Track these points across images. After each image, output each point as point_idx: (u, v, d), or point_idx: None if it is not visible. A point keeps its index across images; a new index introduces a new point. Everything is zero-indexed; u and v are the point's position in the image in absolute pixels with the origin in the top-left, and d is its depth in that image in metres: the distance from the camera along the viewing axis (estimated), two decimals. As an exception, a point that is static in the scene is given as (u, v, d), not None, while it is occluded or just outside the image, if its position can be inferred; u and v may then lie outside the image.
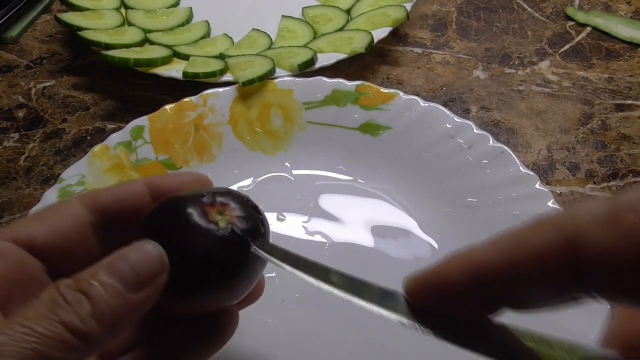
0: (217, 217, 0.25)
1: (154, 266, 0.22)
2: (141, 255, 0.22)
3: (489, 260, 0.18)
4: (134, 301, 0.21)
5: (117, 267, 0.21)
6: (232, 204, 0.26)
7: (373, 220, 0.44)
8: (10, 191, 0.49)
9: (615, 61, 0.59)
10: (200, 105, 0.49)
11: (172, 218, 0.25)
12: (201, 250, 0.24)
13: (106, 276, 0.21)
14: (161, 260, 0.22)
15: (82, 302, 0.20)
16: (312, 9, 0.64)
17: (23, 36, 0.66)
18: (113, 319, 0.21)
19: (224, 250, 0.25)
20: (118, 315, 0.21)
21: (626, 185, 0.47)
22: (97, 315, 0.20)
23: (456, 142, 0.46)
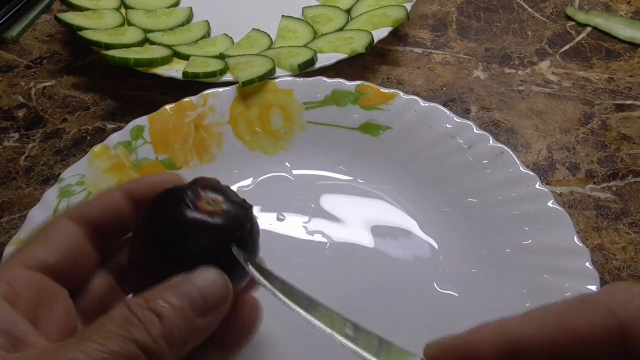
0: (208, 207, 0.26)
1: (221, 293, 0.23)
2: (209, 281, 0.23)
3: (526, 335, 0.18)
4: (200, 325, 0.22)
5: (187, 291, 0.22)
6: (219, 197, 0.27)
7: (373, 220, 0.44)
8: (10, 191, 0.49)
9: (616, 61, 0.59)
10: (201, 105, 0.49)
11: (163, 215, 0.26)
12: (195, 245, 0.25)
13: (175, 298, 0.22)
14: (227, 288, 0.23)
15: (154, 322, 0.21)
16: (312, 9, 0.64)
17: (23, 36, 0.66)
18: (181, 340, 0.21)
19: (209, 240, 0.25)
20: (185, 337, 0.21)
21: (626, 185, 0.47)
22: (167, 336, 0.21)
23: (456, 142, 0.46)
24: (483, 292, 0.40)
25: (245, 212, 0.27)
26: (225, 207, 0.26)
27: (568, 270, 0.38)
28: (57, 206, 0.42)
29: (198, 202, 0.26)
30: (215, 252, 0.25)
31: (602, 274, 0.41)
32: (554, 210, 0.41)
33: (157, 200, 0.27)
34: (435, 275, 0.41)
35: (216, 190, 0.27)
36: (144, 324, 0.20)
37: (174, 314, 0.21)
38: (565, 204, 0.46)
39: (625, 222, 0.45)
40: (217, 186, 0.28)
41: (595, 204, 0.46)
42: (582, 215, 0.45)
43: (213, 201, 0.26)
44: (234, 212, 0.26)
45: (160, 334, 0.20)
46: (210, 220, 0.25)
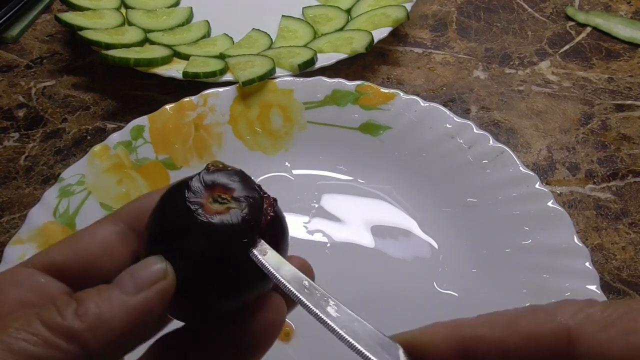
0: (215, 206, 0.23)
1: (155, 271, 0.21)
2: (142, 263, 0.21)
3: (479, 334, 0.19)
4: (132, 304, 0.20)
5: (118, 278, 0.21)
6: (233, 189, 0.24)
7: (373, 220, 0.44)
8: (11, 191, 0.49)
9: (615, 61, 0.59)
10: (201, 105, 0.49)
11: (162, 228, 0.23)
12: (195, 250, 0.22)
13: (105, 285, 0.20)
14: (162, 266, 0.21)
15: (70, 304, 0.19)
16: (312, 8, 0.64)
17: (23, 36, 0.66)
18: (100, 317, 0.19)
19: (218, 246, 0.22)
20: (109, 316, 0.19)
21: (626, 185, 0.47)
22: (81, 313, 0.19)
23: (456, 142, 0.46)
24: (483, 292, 0.40)
25: (259, 207, 0.24)
26: (234, 204, 0.23)
27: (568, 270, 0.38)
28: (57, 206, 0.42)
29: (202, 202, 0.23)
30: (225, 261, 0.22)
31: (602, 274, 0.41)
32: (553, 210, 0.41)
33: (158, 207, 0.24)
34: (435, 275, 0.41)
35: (225, 182, 0.24)
36: (57, 306, 0.19)
37: (94, 294, 0.20)
38: (565, 204, 0.46)
39: (625, 222, 0.45)
40: (227, 175, 0.24)
41: (595, 204, 0.46)
42: (582, 215, 0.45)
43: (221, 198, 0.23)
44: (245, 210, 0.23)
45: (72, 312, 0.19)
46: (214, 225, 0.22)
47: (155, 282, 0.21)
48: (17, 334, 0.18)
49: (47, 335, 0.18)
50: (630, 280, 0.41)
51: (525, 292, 0.38)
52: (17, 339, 0.18)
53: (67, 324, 0.18)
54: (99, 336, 0.19)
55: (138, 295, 0.20)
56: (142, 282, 0.20)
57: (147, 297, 0.20)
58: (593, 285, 0.37)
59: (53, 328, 0.18)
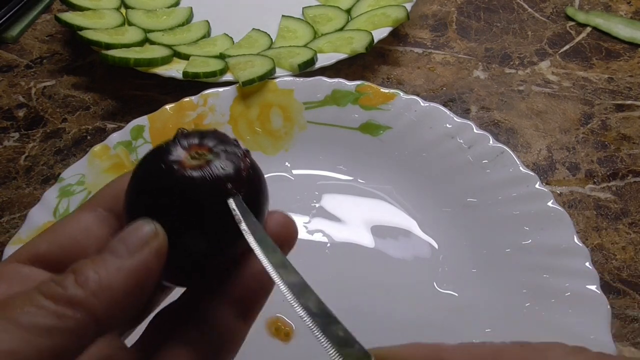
0: (192, 161, 0.23)
1: (145, 232, 0.21)
2: (130, 228, 0.21)
3: None
4: (128, 266, 0.20)
5: (108, 245, 0.21)
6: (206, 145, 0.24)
7: (373, 220, 0.44)
8: (11, 191, 0.49)
9: (616, 61, 0.59)
10: (201, 105, 0.49)
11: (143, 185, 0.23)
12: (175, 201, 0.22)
13: (97, 255, 0.20)
14: (152, 227, 0.21)
15: (68, 276, 0.19)
16: (312, 8, 0.64)
17: (23, 36, 0.66)
18: (101, 283, 0.19)
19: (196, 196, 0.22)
20: (109, 280, 0.19)
21: (626, 185, 0.47)
22: (82, 282, 0.19)
23: (456, 142, 0.46)
24: (483, 292, 0.40)
25: (238, 159, 0.24)
26: (211, 157, 0.23)
27: (568, 270, 0.38)
28: (57, 206, 0.42)
29: (180, 159, 0.23)
30: (206, 212, 0.22)
31: (602, 273, 0.41)
32: (553, 210, 0.41)
33: (137, 168, 0.24)
34: (435, 275, 0.41)
35: (201, 139, 0.24)
36: (55, 280, 0.19)
37: (89, 262, 0.20)
38: (565, 204, 0.46)
39: (625, 222, 0.45)
40: (202, 133, 0.25)
41: (595, 204, 0.46)
42: (582, 215, 0.45)
43: (198, 154, 0.23)
44: (223, 161, 0.23)
45: (72, 281, 0.19)
46: (194, 176, 0.22)
47: (147, 242, 0.21)
48: (22, 310, 0.18)
49: (52, 307, 0.18)
50: (630, 280, 0.41)
51: (525, 292, 0.38)
52: (24, 313, 0.18)
53: (70, 293, 0.18)
54: (103, 300, 0.19)
55: (133, 257, 0.20)
56: (134, 245, 0.20)
57: (142, 257, 0.20)
58: (593, 285, 0.37)
59: (57, 299, 0.18)
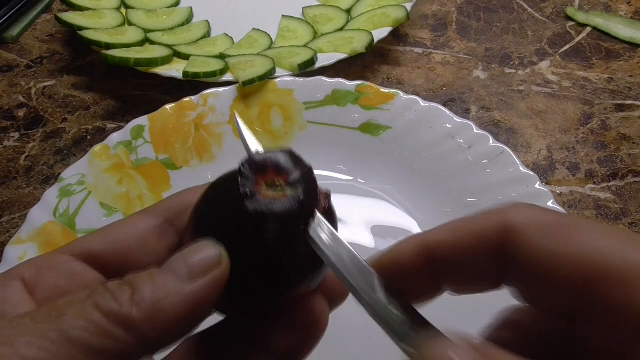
0: (270, 192, 0.22)
1: (209, 257, 0.20)
2: (195, 249, 0.20)
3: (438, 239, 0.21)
4: (188, 292, 0.19)
5: (169, 263, 0.20)
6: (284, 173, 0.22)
7: (373, 220, 0.44)
8: (11, 190, 0.49)
9: (615, 61, 0.59)
10: (201, 105, 0.49)
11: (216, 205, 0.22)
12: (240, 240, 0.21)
13: (156, 270, 0.19)
14: (217, 252, 0.20)
15: (123, 289, 0.18)
16: (312, 8, 0.64)
17: (23, 36, 0.66)
18: (157, 306, 0.18)
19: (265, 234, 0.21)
20: (166, 304, 0.18)
21: (626, 185, 0.47)
22: (138, 300, 0.18)
23: (456, 142, 0.46)
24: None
25: (314, 192, 0.23)
26: (289, 190, 0.22)
27: (568, 270, 0.38)
28: (57, 206, 0.42)
29: (257, 188, 0.21)
30: (281, 247, 0.21)
31: (602, 273, 0.41)
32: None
33: (207, 194, 0.23)
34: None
35: (278, 166, 0.22)
36: (110, 292, 0.18)
37: (148, 281, 0.19)
38: (565, 204, 0.46)
39: (625, 222, 0.45)
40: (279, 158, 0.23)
41: (595, 204, 0.46)
42: (582, 215, 0.45)
43: (275, 183, 0.22)
44: (302, 195, 0.22)
45: (128, 298, 0.18)
46: (272, 210, 0.21)
47: (210, 268, 0.20)
48: (74, 322, 0.17)
49: (104, 324, 0.17)
50: (630, 280, 0.41)
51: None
52: (75, 328, 0.17)
53: (124, 312, 0.18)
54: (156, 325, 0.18)
55: (194, 283, 0.19)
56: (196, 268, 0.20)
57: (203, 284, 0.19)
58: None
59: (110, 316, 0.18)
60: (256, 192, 0.21)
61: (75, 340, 0.17)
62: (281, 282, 0.22)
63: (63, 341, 0.17)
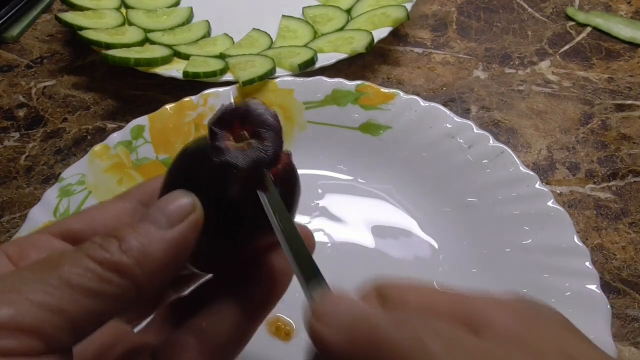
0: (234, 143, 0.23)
1: (183, 204, 0.22)
2: (170, 198, 0.22)
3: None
4: (169, 237, 0.21)
5: (147, 214, 0.21)
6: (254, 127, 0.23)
7: (374, 220, 0.44)
8: (11, 190, 0.49)
9: (616, 61, 0.59)
10: (201, 105, 0.49)
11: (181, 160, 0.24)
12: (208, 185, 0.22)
13: (137, 222, 0.21)
14: (190, 199, 0.22)
15: (111, 241, 0.20)
16: (312, 8, 0.64)
17: (23, 36, 0.66)
18: (144, 252, 0.20)
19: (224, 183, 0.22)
20: (151, 250, 0.20)
21: (626, 185, 0.47)
22: (126, 249, 0.20)
23: (456, 142, 0.46)
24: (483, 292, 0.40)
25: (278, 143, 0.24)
26: (253, 141, 0.23)
27: (568, 270, 0.38)
28: (57, 205, 0.42)
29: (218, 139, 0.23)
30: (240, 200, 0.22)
31: (602, 273, 0.41)
32: (554, 210, 0.41)
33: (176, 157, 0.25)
34: (436, 275, 0.41)
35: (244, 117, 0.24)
36: (98, 243, 0.20)
37: (132, 231, 0.20)
38: (565, 203, 0.46)
39: (625, 222, 0.45)
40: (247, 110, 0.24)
41: (595, 204, 0.46)
42: (582, 215, 0.45)
43: (240, 136, 0.23)
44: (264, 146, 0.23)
45: (117, 248, 0.20)
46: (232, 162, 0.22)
47: (186, 214, 0.21)
48: (71, 270, 0.19)
49: (99, 271, 0.19)
50: (630, 280, 0.41)
51: (525, 291, 0.38)
52: (73, 274, 0.19)
53: (115, 259, 0.19)
54: (146, 269, 0.20)
55: (173, 229, 0.21)
56: (174, 216, 0.21)
57: (182, 230, 0.21)
58: (593, 285, 0.37)
59: (103, 263, 0.19)
60: (220, 144, 0.23)
61: (75, 284, 0.18)
62: (244, 230, 0.23)
63: (65, 286, 0.18)
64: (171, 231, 0.21)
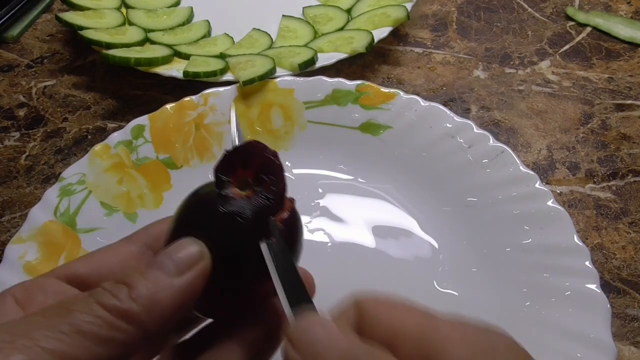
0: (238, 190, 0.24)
1: (192, 253, 0.22)
2: (179, 246, 0.23)
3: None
4: (177, 285, 0.21)
5: (157, 261, 0.22)
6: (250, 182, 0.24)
7: (374, 219, 0.45)
8: (11, 190, 0.49)
9: (615, 61, 0.59)
10: (201, 105, 0.49)
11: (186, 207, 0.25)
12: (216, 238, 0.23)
13: (146, 268, 0.22)
14: (199, 248, 0.23)
15: (121, 288, 0.21)
16: (312, 8, 0.64)
17: (24, 35, 0.66)
18: (153, 299, 0.21)
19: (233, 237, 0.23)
20: (160, 297, 0.21)
21: (626, 185, 0.48)
22: (135, 296, 0.20)
23: (456, 142, 0.46)
24: (483, 291, 0.40)
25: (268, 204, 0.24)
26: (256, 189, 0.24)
27: (568, 269, 0.38)
28: (57, 205, 0.42)
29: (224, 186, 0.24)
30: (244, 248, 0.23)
31: (602, 273, 0.41)
32: (554, 210, 0.41)
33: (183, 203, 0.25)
34: (436, 275, 0.41)
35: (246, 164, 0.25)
36: (109, 290, 0.20)
37: (142, 278, 0.21)
38: (565, 203, 0.46)
39: (625, 222, 0.45)
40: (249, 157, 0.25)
41: (595, 204, 0.46)
42: (582, 214, 0.45)
43: (243, 183, 0.24)
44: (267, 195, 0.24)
45: (126, 295, 0.20)
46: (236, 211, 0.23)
47: (194, 262, 0.22)
48: (82, 317, 0.19)
49: (109, 318, 0.20)
50: (630, 280, 0.41)
51: (526, 291, 0.39)
52: (84, 321, 0.19)
53: (125, 306, 0.20)
54: (154, 316, 0.21)
55: (182, 277, 0.22)
56: (182, 264, 0.22)
57: (190, 278, 0.22)
58: (593, 284, 0.37)
59: (112, 310, 0.20)
60: (226, 193, 0.24)
61: (86, 332, 0.19)
62: (249, 278, 0.24)
63: (76, 333, 0.19)
64: (179, 279, 0.22)
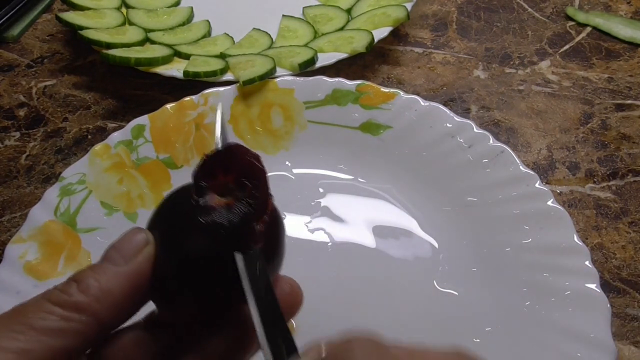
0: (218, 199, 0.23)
1: (137, 240, 0.23)
2: (124, 237, 0.23)
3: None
4: (124, 272, 0.22)
5: (104, 255, 0.23)
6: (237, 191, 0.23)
7: (374, 219, 0.45)
8: (11, 190, 0.49)
9: (615, 61, 0.59)
10: (201, 105, 0.49)
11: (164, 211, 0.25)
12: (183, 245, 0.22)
13: (94, 264, 0.23)
14: (143, 235, 0.23)
15: (71, 284, 0.22)
16: (312, 8, 0.64)
17: (24, 35, 0.66)
18: (102, 289, 0.22)
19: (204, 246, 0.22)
20: (109, 286, 0.22)
21: (626, 185, 0.48)
22: (84, 288, 0.21)
23: (456, 142, 0.46)
24: (483, 291, 0.40)
25: (251, 211, 0.23)
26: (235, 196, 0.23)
27: (568, 269, 0.38)
28: (57, 205, 0.43)
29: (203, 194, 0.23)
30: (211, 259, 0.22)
31: (602, 272, 0.41)
32: (553, 209, 0.41)
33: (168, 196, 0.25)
34: (436, 274, 0.41)
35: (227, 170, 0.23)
36: (59, 289, 0.21)
37: (89, 271, 0.22)
38: (565, 203, 0.46)
39: (625, 222, 0.45)
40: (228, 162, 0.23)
41: (595, 203, 0.46)
42: (582, 214, 0.45)
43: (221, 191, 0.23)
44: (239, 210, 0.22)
45: (75, 290, 0.21)
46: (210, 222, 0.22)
47: (140, 250, 0.23)
48: (34, 315, 0.20)
49: (60, 311, 0.21)
50: (630, 279, 0.41)
51: (525, 290, 0.39)
52: (37, 318, 0.20)
53: (74, 299, 0.21)
54: (105, 304, 0.21)
55: (128, 264, 0.23)
56: (128, 252, 0.23)
57: (136, 263, 0.23)
58: (593, 284, 0.37)
59: (63, 305, 0.21)
60: (205, 202, 0.23)
61: (39, 328, 0.20)
62: (218, 291, 0.23)
63: (29, 330, 0.20)
64: (126, 266, 0.22)
